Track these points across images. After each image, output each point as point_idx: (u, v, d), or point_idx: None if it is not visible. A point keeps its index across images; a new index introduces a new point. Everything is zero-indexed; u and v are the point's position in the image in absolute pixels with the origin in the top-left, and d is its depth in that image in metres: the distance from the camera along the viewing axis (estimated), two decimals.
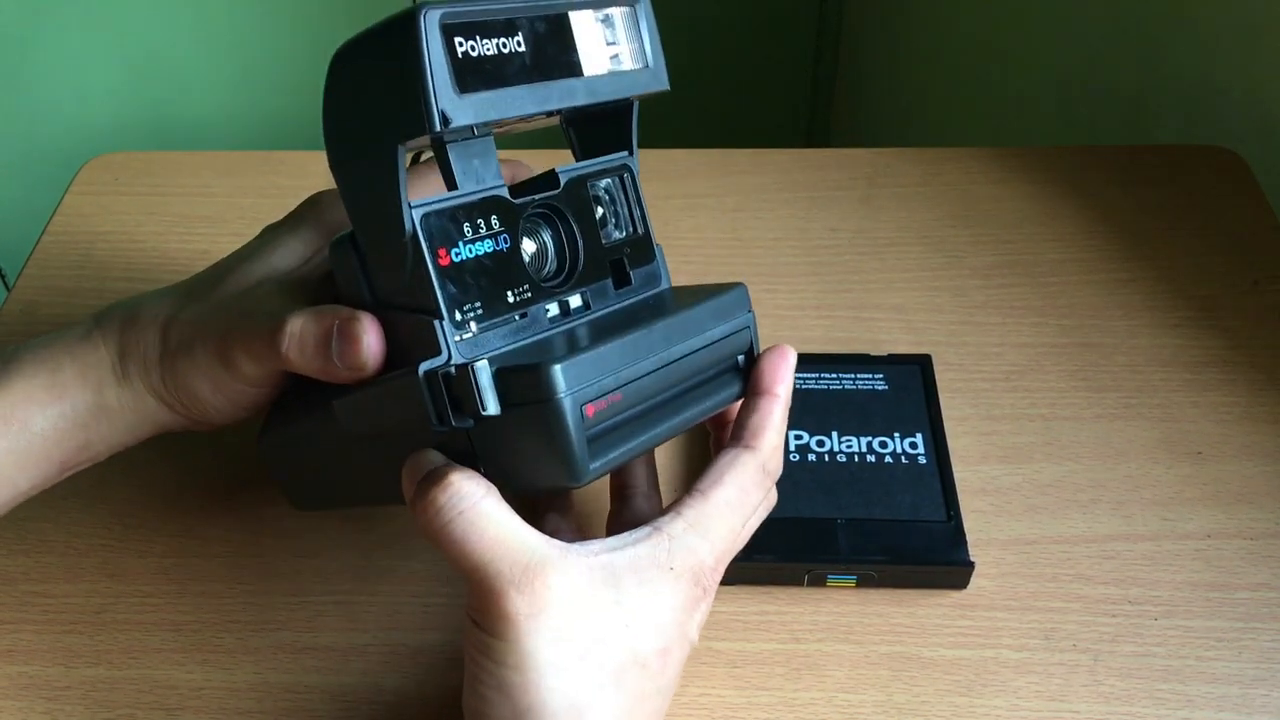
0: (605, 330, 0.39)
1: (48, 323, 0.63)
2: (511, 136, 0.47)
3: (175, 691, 0.46)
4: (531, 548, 0.36)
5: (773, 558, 0.48)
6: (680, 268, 0.43)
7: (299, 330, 0.40)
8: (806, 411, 0.54)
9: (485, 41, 0.37)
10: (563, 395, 0.36)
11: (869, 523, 0.49)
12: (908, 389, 0.56)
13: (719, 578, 0.40)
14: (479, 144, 0.41)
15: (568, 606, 0.36)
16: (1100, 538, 0.51)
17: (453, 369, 0.37)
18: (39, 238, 0.68)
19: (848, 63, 1.48)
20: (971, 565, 0.48)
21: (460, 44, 0.36)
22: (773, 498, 0.42)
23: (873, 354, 0.58)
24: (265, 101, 1.41)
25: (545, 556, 0.36)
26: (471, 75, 0.37)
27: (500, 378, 0.36)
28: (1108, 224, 0.67)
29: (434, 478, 0.37)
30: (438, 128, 0.36)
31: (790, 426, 0.53)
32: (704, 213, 0.70)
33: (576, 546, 0.38)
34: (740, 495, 0.40)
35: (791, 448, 0.52)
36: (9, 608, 0.49)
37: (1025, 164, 0.72)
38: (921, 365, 0.57)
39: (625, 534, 0.39)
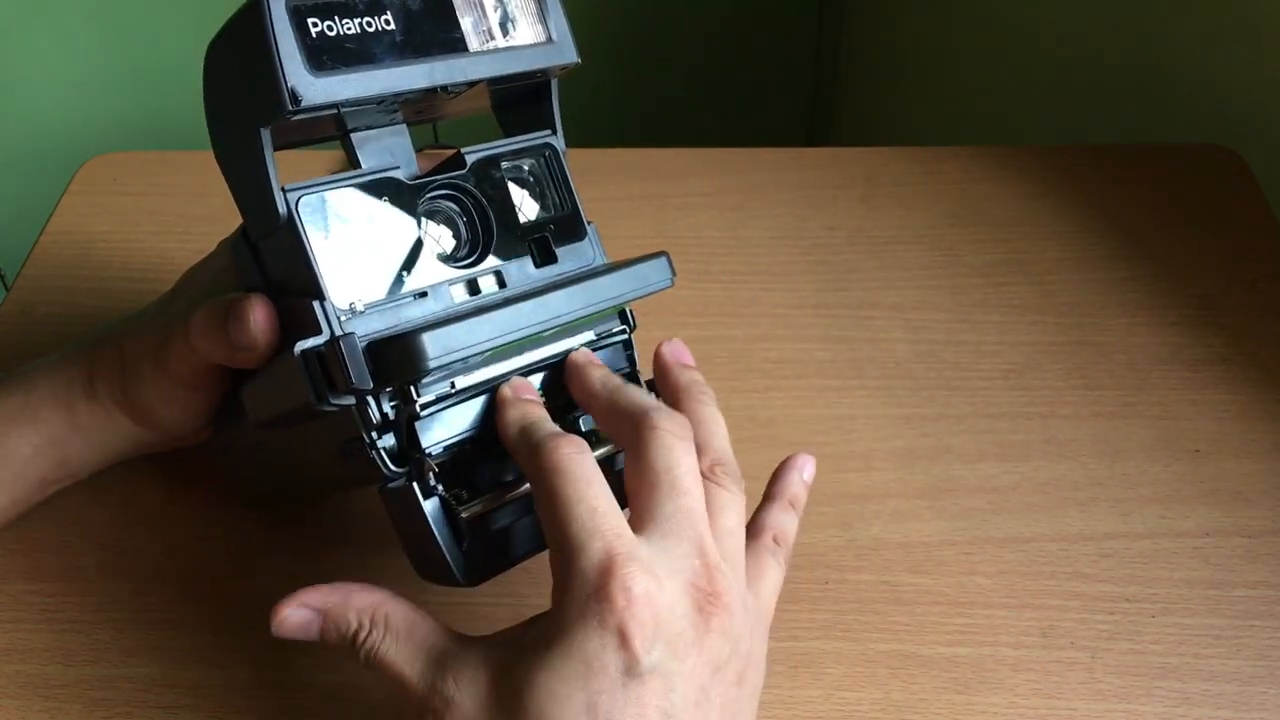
0: (500, 304, 0.38)
1: (46, 323, 0.63)
2: (468, 129, 0.46)
3: (173, 690, 0.46)
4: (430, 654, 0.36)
5: None
6: (679, 267, 0.43)
7: (201, 318, 0.41)
8: None
9: (346, 21, 0.37)
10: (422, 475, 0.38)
11: None
12: None
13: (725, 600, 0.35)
14: (389, 133, 0.41)
15: None
16: (1098, 536, 0.51)
17: (323, 346, 0.37)
18: (37, 238, 0.68)
19: (848, 63, 1.48)
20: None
21: (315, 24, 0.36)
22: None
23: None
24: None
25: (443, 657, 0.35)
26: (330, 55, 0.36)
27: (371, 351, 0.36)
28: (1106, 223, 0.67)
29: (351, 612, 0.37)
30: (289, 107, 0.36)
31: None
32: (703, 212, 0.70)
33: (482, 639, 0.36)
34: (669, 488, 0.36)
35: None
36: (7, 606, 0.49)
37: (1024, 163, 0.72)
38: None
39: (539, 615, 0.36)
